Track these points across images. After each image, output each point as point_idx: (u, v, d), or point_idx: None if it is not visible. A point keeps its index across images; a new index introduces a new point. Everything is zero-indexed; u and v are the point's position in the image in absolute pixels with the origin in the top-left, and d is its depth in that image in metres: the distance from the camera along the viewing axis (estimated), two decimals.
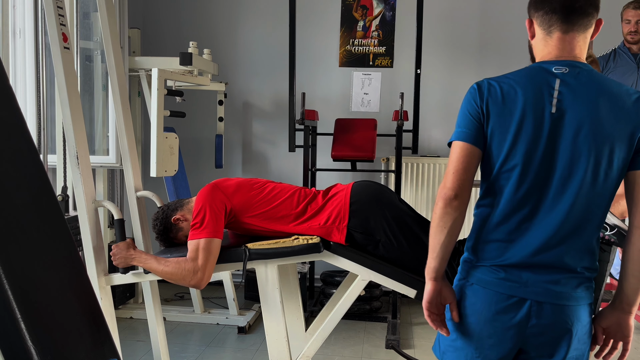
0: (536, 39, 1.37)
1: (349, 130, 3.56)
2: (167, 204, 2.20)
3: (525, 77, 1.32)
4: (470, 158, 1.32)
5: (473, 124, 1.32)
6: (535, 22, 1.36)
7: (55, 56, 2.05)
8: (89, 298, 1.59)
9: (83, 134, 2.15)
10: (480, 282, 1.35)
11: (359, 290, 1.98)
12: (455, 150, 1.34)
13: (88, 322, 1.53)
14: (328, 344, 3.15)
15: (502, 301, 1.31)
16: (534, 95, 1.28)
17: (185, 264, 1.89)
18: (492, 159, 1.32)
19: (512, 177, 1.29)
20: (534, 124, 1.27)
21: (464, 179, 1.32)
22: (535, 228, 1.30)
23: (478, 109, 1.32)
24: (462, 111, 1.36)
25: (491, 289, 1.33)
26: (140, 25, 4.03)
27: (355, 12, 4.06)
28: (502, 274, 1.32)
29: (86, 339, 1.49)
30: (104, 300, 2.13)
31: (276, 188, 2.07)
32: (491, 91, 1.32)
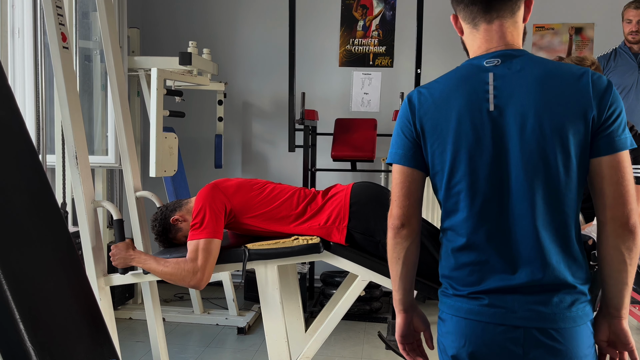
0: (465, 34, 1.25)
1: (349, 130, 3.56)
2: (166, 205, 2.20)
3: (456, 78, 1.20)
4: (410, 182, 1.22)
5: (407, 144, 1.22)
6: (459, 16, 1.25)
7: (54, 56, 2.05)
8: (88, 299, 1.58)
9: (82, 134, 2.15)
10: (460, 312, 1.19)
11: (359, 290, 1.98)
12: (394, 174, 1.24)
13: (87, 323, 1.53)
14: (328, 345, 3.15)
15: (490, 331, 1.14)
16: (467, 96, 1.15)
17: (184, 264, 1.89)
18: (438, 176, 1.20)
19: (462, 192, 1.16)
20: (473, 128, 1.14)
21: (407, 205, 1.22)
22: (506, 243, 1.14)
23: (411, 126, 1.21)
24: (396, 129, 1.25)
25: (474, 319, 1.16)
26: (140, 25, 4.03)
27: (355, 12, 4.07)
28: (485, 300, 1.15)
29: (85, 340, 1.49)
30: (103, 300, 2.13)
31: (276, 189, 2.07)
32: (422, 102, 1.21)
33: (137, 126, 3.68)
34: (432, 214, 3.92)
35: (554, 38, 3.94)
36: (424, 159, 1.21)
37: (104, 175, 3.39)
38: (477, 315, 1.16)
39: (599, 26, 3.93)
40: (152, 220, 2.17)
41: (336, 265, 1.99)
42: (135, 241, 2.40)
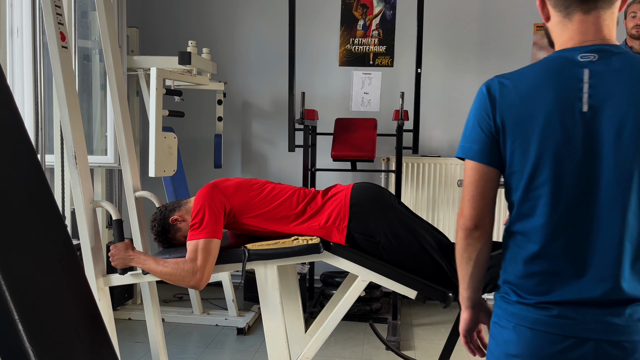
0: (552, 22, 1.15)
1: (349, 130, 3.56)
2: (165, 205, 2.20)
3: (545, 71, 1.10)
4: (485, 181, 1.15)
5: (484, 138, 1.13)
6: (547, 2, 1.15)
7: (53, 55, 2.05)
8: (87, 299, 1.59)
9: (81, 134, 2.15)
10: (525, 321, 1.12)
11: (359, 291, 1.98)
12: (468, 172, 1.16)
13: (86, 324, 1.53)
14: (328, 346, 3.15)
15: (557, 343, 1.08)
16: (558, 93, 1.07)
17: (184, 264, 1.89)
18: (515, 176, 1.12)
19: (543, 196, 1.09)
20: (562, 129, 1.06)
21: (482, 205, 1.15)
22: (584, 254, 1.08)
23: (490, 120, 1.13)
24: (471, 121, 1.17)
25: (541, 330, 1.10)
26: (139, 24, 4.03)
27: (355, 11, 4.07)
28: (554, 311, 1.09)
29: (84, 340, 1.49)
30: (102, 301, 2.13)
31: (275, 188, 2.07)
32: (504, 94, 1.12)
33: (137, 126, 3.68)
34: (432, 214, 3.92)
35: None
36: (502, 157, 1.13)
37: (103, 175, 3.39)
38: (545, 326, 1.10)
39: None
40: (151, 220, 2.17)
41: (336, 266, 1.99)
42: (134, 241, 2.40)
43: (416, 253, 1.92)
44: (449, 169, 3.89)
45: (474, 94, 1.22)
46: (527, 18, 3.93)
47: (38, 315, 1.35)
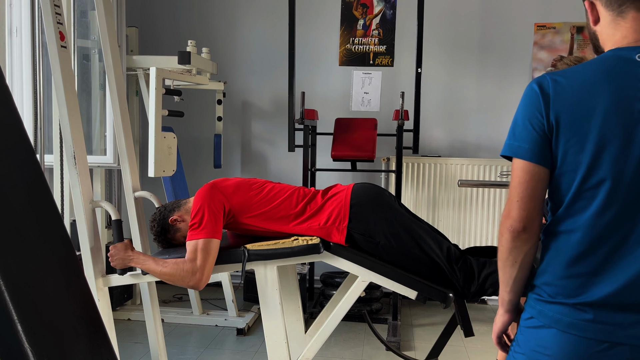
0: (602, 23, 1.14)
1: (349, 130, 3.56)
2: (164, 205, 2.20)
3: (601, 70, 1.08)
4: (536, 182, 1.12)
5: (536, 137, 1.11)
6: (598, 2, 1.14)
7: (52, 55, 2.05)
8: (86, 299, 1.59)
9: (80, 134, 2.15)
10: (560, 324, 1.11)
11: (359, 291, 1.98)
12: (517, 172, 1.14)
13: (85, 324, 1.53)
14: (328, 346, 3.15)
15: (591, 347, 1.08)
16: (616, 92, 1.05)
17: (183, 264, 1.89)
18: (566, 175, 1.10)
19: (597, 196, 1.07)
20: (622, 127, 1.04)
21: (531, 207, 1.12)
22: (629, 257, 1.07)
23: (543, 118, 1.10)
24: (521, 120, 1.14)
25: (575, 334, 1.09)
26: (138, 24, 4.03)
27: (355, 11, 4.07)
28: (590, 315, 1.09)
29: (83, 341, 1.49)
30: (102, 301, 2.13)
31: (275, 188, 2.08)
32: (559, 92, 1.09)
33: (136, 126, 3.68)
34: (433, 215, 3.92)
35: (555, 37, 3.94)
36: (553, 156, 1.10)
37: (102, 175, 3.39)
38: (580, 330, 1.09)
39: None
40: (150, 220, 2.17)
41: (336, 266, 1.99)
42: (133, 241, 2.40)
43: (416, 254, 1.92)
44: (450, 169, 3.89)
45: (474, 94, 1.21)
46: (528, 17, 3.93)
47: (37, 315, 1.35)
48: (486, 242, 3.87)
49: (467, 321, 1.94)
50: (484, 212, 3.85)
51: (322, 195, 2.06)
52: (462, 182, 3.28)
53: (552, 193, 1.15)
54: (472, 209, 3.86)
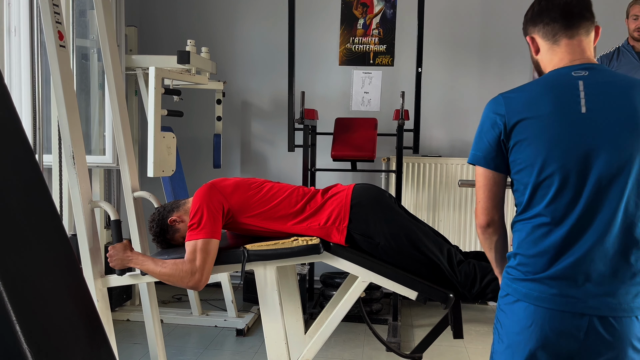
0: (542, 52, 1.40)
1: (349, 130, 3.56)
2: (163, 205, 2.20)
3: (545, 84, 1.32)
4: (492, 185, 1.37)
5: (491, 146, 1.35)
6: (536, 36, 1.40)
7: (50, 54, 2.05)
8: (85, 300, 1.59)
9: (79, 134, 2.15)
10: (530, 298, 1.30)
11: (359, 292, 1.98)
12: (478, 177, 1.39)
13: (84, 325, 1.53)
14: (328, 347, 3.15)
15: (557, 319, 1.26)
16: (559, 99, 1.28)
17: (182, 265, 1.89)
18: (525, 171, 1.30)
19: (553, 185, 1.27)
20: (566, 126, 1.26)
21: (490, 206, 1.38)
22: (587, 235, 1.25)
23: (497, 129, 1.33)
24: (479, 131, 1.39)
25: (543, 306, 1.28)
26: (137, 23, 4.03)
27: (355, 10, 4.07)
28: (555, 289, 1.27)
29: (82, 342, 1.49)
30: (101, 302, 2.13)
31: (274, 187, 2.08)
32: (510, 103, 1.32)
33: (135, 126, 3.68)
34: (433, 215, 3.92)
35: None
36: (507, 161, 1.36)
37: (101, 176, 3.39)
38: (546, 303, 1.28)
39: (602, 24, 3.91)
40: (149, 221, 2.17)
41: (336, 267, 1.99)
42: (132, 242, 2.40)
43: (415, 255, 1.92)
44: (450, 169, 3.89)
45: (475, 93, 1.35)
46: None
47: (36, 316, 1.35)
48: None
49: (459, 323, 1.97)
50: None
51: (322, 194, 2.05)
52: (462, 182, 3.28)
53: (516, 186, 1.36)
54: (473, 209, 3.86)
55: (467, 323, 3.61)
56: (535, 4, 1.40)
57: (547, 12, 1.36)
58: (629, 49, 3.24)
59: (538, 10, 1.38)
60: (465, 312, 3.79)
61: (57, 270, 1.51)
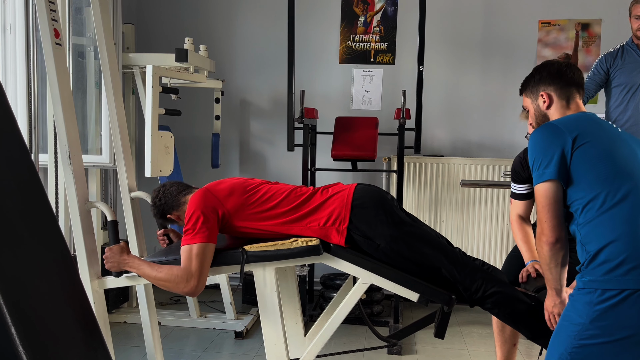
0: (554, 108, 1.75)
1: (350, 129, 3.56)
2: (165, 192, 2.18)
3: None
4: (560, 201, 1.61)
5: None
6: (553, 94, 1.75)
7: (46, 52, 2.05)
8: (81, 302, 1.59)
9: (75, 133, 2.15)
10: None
11: (359, 293, 1.98)
12: (545, 194, 1.60)
13: (81, 327, 1.53)
14: (328, 350, 3.15)
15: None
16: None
17: (178, 271, 1.89)
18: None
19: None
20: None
21: (559, 223, 1.61)
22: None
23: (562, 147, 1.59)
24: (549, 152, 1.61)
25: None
26: (135, 21, 4.03)
27: (356, 7, 4.07)
28: None
29: (79, 344, 1.49)
30: (97, 304, 2.13)
31: (272, 189, 2.07)
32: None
33: (132, 125, 3.68)
34: (435, 215, 3.92)
35: (560, 34, 3.94)
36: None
37: (97, 175, 3.39)
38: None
39: (607, 22, 3.93)
40: (152, 197, 2.20)
41: (336, 268, 1.99)
42: (130, 243, 2.40)
43: (416, 259, 1.92)
44: (452, 169, 3.89)
45: (477, 92, 1.33)
46: (532, 14, 3.94)
47: (32, 318, 1.35)
48: (489, 242, 3.87)
49: (445, 325, 1.99)
50: (487, 213, 3.85)
51: (322, 192, 2.04)
52: (464, 182, 3.28)
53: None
54: (475, 209, 3.86)
55: (469, 325, 3.61)
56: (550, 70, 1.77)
57: (564, 76, 1.74)
58: (633, 48, 3.25)
59: (556, 73, 1.75)
60: (468, 315, 3.80)
61: (53, 271, 1.51)
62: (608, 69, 3.24)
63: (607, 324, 1.46)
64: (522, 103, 1.90)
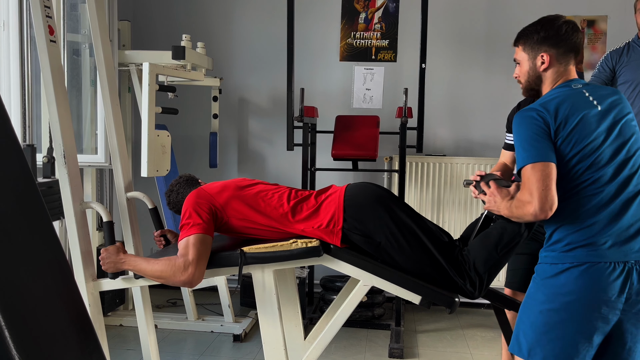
0: (551, 70, 1.76)
1: (350, 128, 3.57)
2: (179, 185, 2.26)
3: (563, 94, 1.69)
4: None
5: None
6: (553, 56, 1.75)
7: (41, 50, 2.05)
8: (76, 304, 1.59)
9: (70, 132, 2.15)
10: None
11: (360, 296, 1.98)
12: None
13: (76, 330, 1.53)
14: (328, 353, 3.16)
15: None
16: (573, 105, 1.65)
17: (175, 260, 1.90)
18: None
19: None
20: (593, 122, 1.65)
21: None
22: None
23: (548, 129, 1.62)
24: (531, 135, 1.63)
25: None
26: (131, 17, 4.03)
27: (356, 4, 4.07)
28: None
29: (74, 348, 1.50)
30: (93, 306, 2.14)
31: (267, 188, 2.08)
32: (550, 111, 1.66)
33: (128, 124, 3.68)
34: (437, 216, 3.92)
35: None
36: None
37: (93, 175, 3.39)
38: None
39: (613, 19, 3.93)
40: (168, 191, 2.27)
41: (337, 270, 1.99)
42: (126, 244, 2.41)
43: (418, 254, 1.92)
44: (455, 169, 3.89)
45: (480, 90, 1.32)
46: (537, 11, 3.92)
47: (26, 321, 1.35)
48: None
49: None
50: None
51: (316, 197, 2.05)
52: (467, 182, 3.28)
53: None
54: (478, 209, 3.86)
55: (473, 328, 3.61)
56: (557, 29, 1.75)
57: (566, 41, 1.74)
58: (638, 44, 3.25)
59: (563, 36, 1.74)
60: (471, 317, 3.80)
61: (47, 273, 1.51)
62: (614, 66, 3.24)
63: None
64: (514, 55, 1.90)
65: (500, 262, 1.91)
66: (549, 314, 1.60)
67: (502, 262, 1.92)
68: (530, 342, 1.62)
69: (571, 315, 1.57)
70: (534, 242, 2.31)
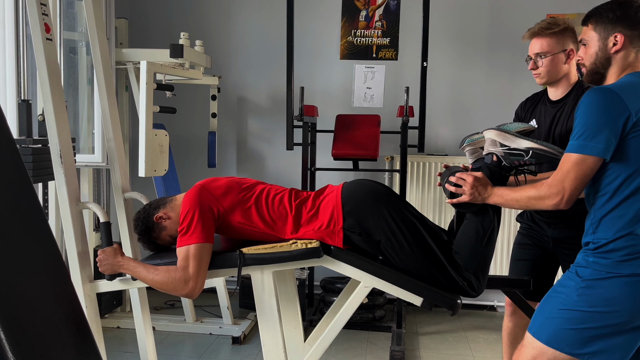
0: (624, 53, 1.63)
1: (351, 127, 3.56)
2: (149, 203, 2.16)
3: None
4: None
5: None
6: (629, 38, 1.62)
7: (37, 48, 2.05)
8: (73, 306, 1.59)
9: (67, 131, 2.15)
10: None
11: (361, 297, 1.98)
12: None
13: (72, 332, 1.53)
14: (328, 356, 3.16)
15: None
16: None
17: (175, 272, 1.88)
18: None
19: None
20: None
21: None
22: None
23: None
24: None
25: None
26: (128, 15, 4.03)
27: (357, 1, 4.07)
28: None
29: (70, 350, 1.49)
30: (89, 308, 2.13)
31: (267, 188, 2.07)
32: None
33: (126, 123, 3.68)
34: (439, 216, 3.92)
35: None
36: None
37: (90, 175, 3.39)
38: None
39: None
40: (134, 219, 2.12)
41: (337, 271, 1.99)
42: (123, 245, 2.40)
43: (418, 252, 1.91)
44: None
45: (482, 89, 1.28)
46: (540, 8, 3.93)
47: (21, 323, 1.35)
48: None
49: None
50: None
51: (314, 198, 2.04)
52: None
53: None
54: None
55: (475, 330, 3.61)
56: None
57: None
58: None
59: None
60: (473, 319, 3.80)
61: (43, 274, 1.51)
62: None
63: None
64: (581, 35, 1.78)
65: (487, 254, 1.94)
66: (592, 316, 1.54)
67: (489, 254, 1.95)
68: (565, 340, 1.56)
69: (616, 321, 1.51)
70: (537, 249, 2.31)
